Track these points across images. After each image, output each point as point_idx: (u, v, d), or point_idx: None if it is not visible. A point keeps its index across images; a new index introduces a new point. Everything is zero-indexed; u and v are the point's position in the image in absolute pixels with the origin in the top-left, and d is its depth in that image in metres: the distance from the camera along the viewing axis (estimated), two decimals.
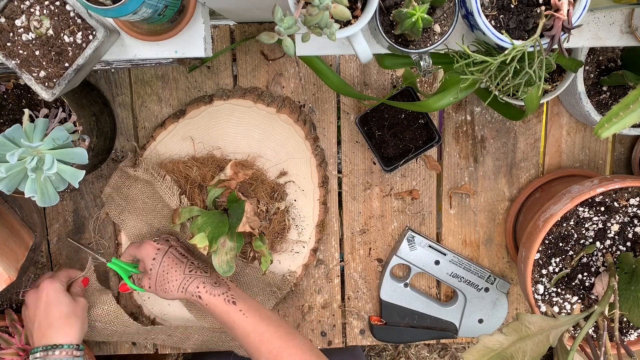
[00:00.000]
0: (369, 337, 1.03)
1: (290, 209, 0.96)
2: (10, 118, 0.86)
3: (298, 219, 0.96)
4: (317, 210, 0.96)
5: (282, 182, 0.95)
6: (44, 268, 1.00)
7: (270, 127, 0.93)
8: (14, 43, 0.66)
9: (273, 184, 0.94)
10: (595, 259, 0.80)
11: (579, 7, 0.57)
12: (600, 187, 0.76)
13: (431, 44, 0.61)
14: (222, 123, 0.93)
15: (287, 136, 0.93)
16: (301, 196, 0.95)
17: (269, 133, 0.93)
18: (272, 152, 0.94)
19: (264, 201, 0.92)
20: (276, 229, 0.94)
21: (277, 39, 0.50)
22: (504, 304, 1.00)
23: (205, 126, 0.93)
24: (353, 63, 0.95)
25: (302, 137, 0.93)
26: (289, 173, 0.95)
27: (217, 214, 0.89)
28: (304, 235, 0.97)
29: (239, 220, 0.85)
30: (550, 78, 0.89)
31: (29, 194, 0.75)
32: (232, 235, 0.88)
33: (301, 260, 0.97)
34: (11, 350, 0.92)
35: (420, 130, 0.93)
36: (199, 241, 0.85)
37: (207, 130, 0.93)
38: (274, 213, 0.93)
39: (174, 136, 0.94)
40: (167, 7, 0.65)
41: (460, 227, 1.00)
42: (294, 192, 0.95)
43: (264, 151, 0.94)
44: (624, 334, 0.82)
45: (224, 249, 0.86)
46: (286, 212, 0.95)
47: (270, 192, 0.94)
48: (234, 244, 0.87)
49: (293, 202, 0.96)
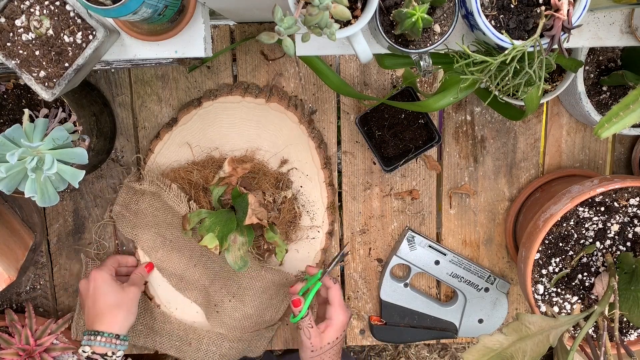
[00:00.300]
0: (369, 337, 1.03)
1: (297, 196, 0.95)
2: (10, 118, 0.86)
3: (307, 205, 0.95)
4: (324, 192, 0.95)
5: (284, 170, 0.94)
6: (44, 268, 1.01)
7: (262, 118, 0.92)
8: (14, 43, 0.66)
9: (276, 174, 0.94)
10: (595, 259, 0.80)
11: (579, 7, 0.57)
12: (600, 187, 0.76)
13: (431, 44, 0.61)
14: (214, 123, 0.93)
15: (281, 124, 0.92)
16: (306, 181, 0.95)
17: (262, 124, 0.92)
18: (269, 143, 0.93)
19: (269, 192, 0.92)
20: (287, 218, 0.93)
21: (277, 39, 0.50)
22: (504, 304, 1.00)
23: (199, 129, 0.93)
24: (353, 63, 0.95)
25: (296, 121, 0.92)
26: (290, 160, 0.94)
27: (224, 213, 0.89)
28: (317, 220, 0.96)
29: (245, 214, 0.85)
30: (550, 78, 0.89)
31: (29, 194, 0.75)
32: (241, 230, 0.87)
33: (318, 245, 0.97)
34: (11, 350, 0.92)
35: (420, 130, 0.93)
36: (208, 242, 0.84)
37: (201, 133, 0.93)
38: (281, 202, 0.92)
39: (170, 145, 0.94)
40: (167, 7, 0.65)
41: (460, 227, 1.00)
42: (298, 178, 0.95)
43: (261, 143, 0.93)
44: (624, 334, 0.82)
45: (235, 245, 0.85)
46: (294, 199, 0.94)
47: (274, 183, 0.93)
48: (244, 239, 0.87)
49: (299, 188, 0.95)
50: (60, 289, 1.01)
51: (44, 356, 0.94)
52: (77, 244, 1.00)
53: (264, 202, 0.91)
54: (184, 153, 0.94)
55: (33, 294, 1.01)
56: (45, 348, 0.94)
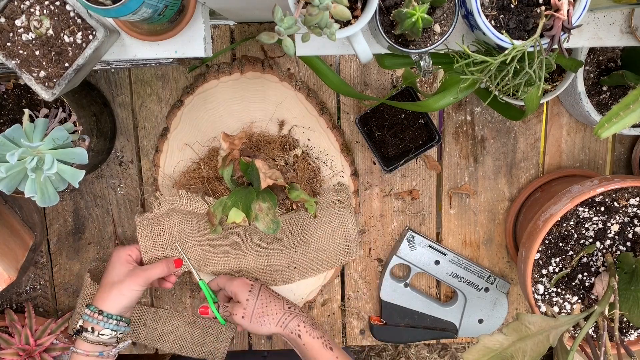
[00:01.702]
0: (369, 337, 1.03)
1: (308, 150, 0.94)
2: (10, 118, 0.86)
3: (322, 155, 0.94)
4: (332, 137, 0.94)
5: (285, 132, 0.94)
6: (44, 268, 1.01)
7: (244, 91, 0.92)
8: (14, 43, 0.66)
9: (279, 138, 0.93)
10: (595, 259, 0.80)
11: (579, 7, 0.57)
12: (600, 187, 0.76)
13: (431, 44, 0.61)
14: (202, 116, 0.93)
15: (264, 89, 0.92)
16: (310, 133, 0.94)
17: (246, 97, 0.92)
18: (260, 112, 0.93)
19: (279, 156, 0.91)
20: (306, 175, 0.93)
21: (277, 39, 0.50)
22: (504, 304, 1.00)
23: (191, 127, 0.93)
24: (353, 63, 0.95)
25: (277, 81, 0.91)
26: (287, 120, 0.93)
27: (242, 189, 0.87)
28: (336, 166, 0.95)
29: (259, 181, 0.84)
30: (550, 78, 0.89)
31: (29, 194, 0.75)
32: (262, 197, 0.85)
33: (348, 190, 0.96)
34: (11, 350, 0.92)
35: (420, 130, 0.93)
36: (235, 216, 0.82)
37: (195, 130, 0.93)
38: (294, 162, 0.92)
39: (171, 153, 0.94)
40: (167, 7, 0.65)
41: (460, 227, 1.00)
42: (302, 134, 0.94)
43: (253, 115, 0.93)
44: (624, 334, 0.82)
45: (262, 212, 0.84)
46: (306, 155, 0.94)
47: (281, 146, 0.93)
48: (268, 204, 0.85)
49: (307, 142, 0.94)
50: (60, 289, 1.01)
51: (44, 356, 0.94)
52: (77, 244, 1.00)
53: (277, 166, 0.90)
54: (188, 153, 0.94)
55: (33, 294, 1.01)
56: (45, 348, 0.94)
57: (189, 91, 0.92)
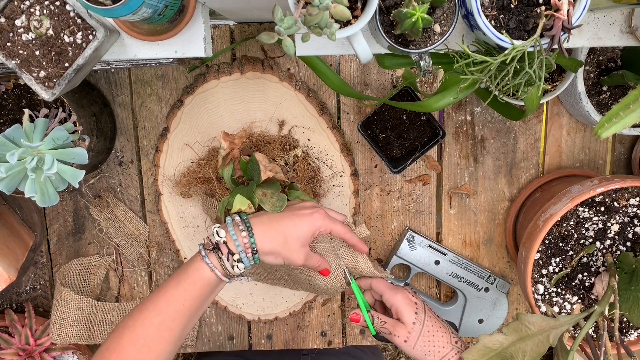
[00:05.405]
0: (369, 337, 1.03)
1: (308, 150, 0.94)
2: (10, 118, 0.86)
3: (321, 155, 0.94)
4: (332, 137, 0.94)
5: (285, 132, 0.94)
6: (44, 268, 1.01)
7: (244, 91, 0.92)
8: (14, 43, 0.66)
9: (279, 138, 0.93)
10: (595, 259, 0.80)
11: (579, 7, 0.57)
12: (600, 187, 0.76)
13: (431, 44, 0.61)
14: (202, 116, 0.93)
15: (263, 89, 0.92)
16: (310, 133, 0.94)
17: (246, 97, 0.92)
18: (260, 112, 0.93)
19: (279, 156, 0.91)
20: (306, 175, 0.92)
21: (277, 39, 0.50)
22: (504, 304, 1.00)
23: (191, 127, 0.93)
24: (353, 63, 0.95)
25: (277, 81, 0.91)
26: (287, 120, 0.93)
27: (242, 187, 0.86)
28: (336, 166, 0.95)
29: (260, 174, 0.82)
30: (550, 78, 0.89)
31: (29, 194, 0.75)
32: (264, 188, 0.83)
33: (348, 190, 0.96)
34: (11, 350, 0.92)
35: (423, 127, 0.93)
36: (240, 203, 0.78)
37: (194, 130, 0.93)
38: (294, 162, 0.92)
39: (171, 153, 0.94)
40: (167, 7, 0.65)
41: (460, 227, 1.00)
42: (302, 134, 0.94)
43: (253, 115, 0.93)
44: (624, 334, 0.82)
45: (266, 197, 0.81)
46: (307, 155, 0.93)
47: (281, 147, 0.92)
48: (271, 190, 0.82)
49: (307, 142, 0.94)
50: None
51: (44, 356, 0.94)
52: (77, 244, 1.00)
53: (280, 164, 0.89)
54: (188, 153, 0.94)
55: (33, 294, 1.01)
56: (45, 348, 0.94)
57: (189, 91, 0.92)
